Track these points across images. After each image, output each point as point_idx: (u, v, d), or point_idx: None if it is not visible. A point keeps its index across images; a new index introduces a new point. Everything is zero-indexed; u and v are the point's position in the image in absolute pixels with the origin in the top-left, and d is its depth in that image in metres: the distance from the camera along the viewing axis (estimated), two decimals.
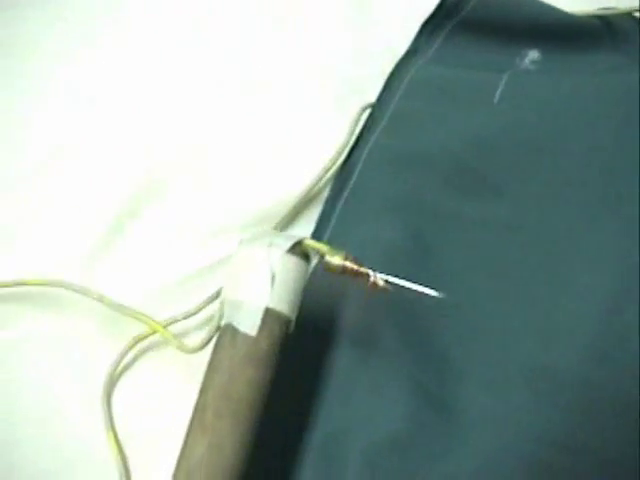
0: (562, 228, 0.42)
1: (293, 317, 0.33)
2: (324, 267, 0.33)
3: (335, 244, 0.35)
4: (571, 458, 0.36)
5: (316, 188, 0.46)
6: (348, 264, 0.33)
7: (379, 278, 0.33)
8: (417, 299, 0.39)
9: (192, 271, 0.44)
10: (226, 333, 0.32)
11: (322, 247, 0.33)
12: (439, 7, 0.50)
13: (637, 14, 0.49)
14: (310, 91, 0.50)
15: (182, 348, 0.37)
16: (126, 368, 0.41)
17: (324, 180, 0.47)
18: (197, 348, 0.35)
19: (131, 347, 0.41)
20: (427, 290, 0.34)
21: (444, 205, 0.43)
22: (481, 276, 0.40)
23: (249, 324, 0.31)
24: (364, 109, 0.48)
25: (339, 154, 0.47)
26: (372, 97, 0.48)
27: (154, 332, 0.40)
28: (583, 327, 0.39)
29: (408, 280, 0.35)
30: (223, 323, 0.32)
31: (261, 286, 0.31)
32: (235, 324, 0.31)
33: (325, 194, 0.46)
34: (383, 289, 0.34)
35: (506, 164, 0.44)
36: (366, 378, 0.38)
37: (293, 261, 0.32)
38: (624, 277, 0.40)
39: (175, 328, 0.41)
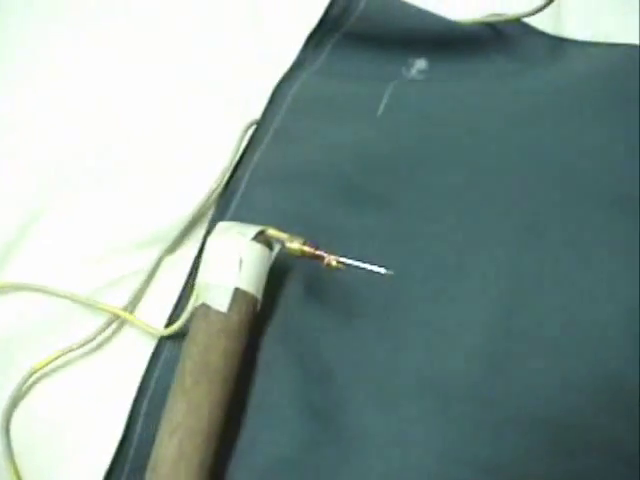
0: (446, 236, 0.41)
1: (259, 296, 0.37)
2: (287, 252, 0.37)
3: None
4: (466, 470, 0.36)
5: (204, 208, 0.46)
6: (306, 248, 0.36)
7: (333, 259, 0.36)
8: (303, 315, 0.39)
9: (87, 292, 0.43)
10: (201, 311, 0.36)
11: (282, 235, 0.37)
12: (323, 19, 0.49)
13: (525, 19, 0.48)
14: (198, 107, 0.49)
15: (152, 331, 0.41)
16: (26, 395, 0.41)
17: (212, 199, 0.46)
18: (170, 330, 0.39)
19: (30, 376, 0.40)
20: (376, 268, 0.37)
21: (330, 219, 0.42)
22: (364, 288, 0.40)
23: (221, 302, 0.36)
24: (249, 126, 0.47)
25: (224, 174, 0.46)
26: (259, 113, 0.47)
27: (115, 319, 0.42)
28: (471, 335, 0.39)
29: None
30: (198, 303, 0.36)
31: (230, 269, 0.36)
32: (209, 303, 0.36)
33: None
34: (336, 268, 0.36)
35: (390, 176, 0.43)
36: (255, 396, 0.38)
37: (257, 248, 0.37)
38: (512, 285, 0.40)
39: None
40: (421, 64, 0.48)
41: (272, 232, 0.37)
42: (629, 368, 0.38)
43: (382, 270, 0.37)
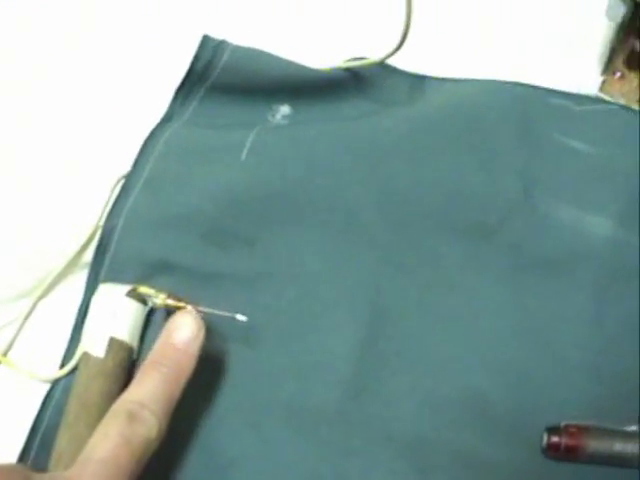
0: (310, 270, 0.44)
1: (134, 344, 0.42)
2: (153, 303, 0.42)
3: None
4: None
5: (76, 256, 0.47)
6: (169, 301, 0.41)
7: (194, 308, 0.41)
8: None
9: None
10: (83, 358, 0.41)
11: (148, 290, 0.42)
12: (188, 73, 0.51)
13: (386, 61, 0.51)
14: (67, 165, 0.51)
15: (37, 377, 0.44)
16: None
17: (80, 249, 0.47)
18: (54, 377, 0.43)
19: None
20: (232, 314, 0.41)
21: (202, 263, 0.45)
22: (236, 325, 0.41)
23: (98, 349, 0.40)
24: (120, 179, 0.48)
25: (98, 221, 0.48)
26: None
27: None
28: (336, 363, 0.41)
29: None
30: (81, 352, 0.41)
31: (107, 321, 0.41)
32: (89, 350, 0.41)
33: (82, 262, 0.47)
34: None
35: (254, 216, 0.45)
36: None
37: (129, 301, 0.42)
38: (373, 314, 0.43)
39: None
40: (285, 110, 0.51)
41: (142, 289, 0.42)
42: (486, 385, 0.40)
43: (238, 316, 0.41)
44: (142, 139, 0.49)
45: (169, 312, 0.42)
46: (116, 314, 0.41)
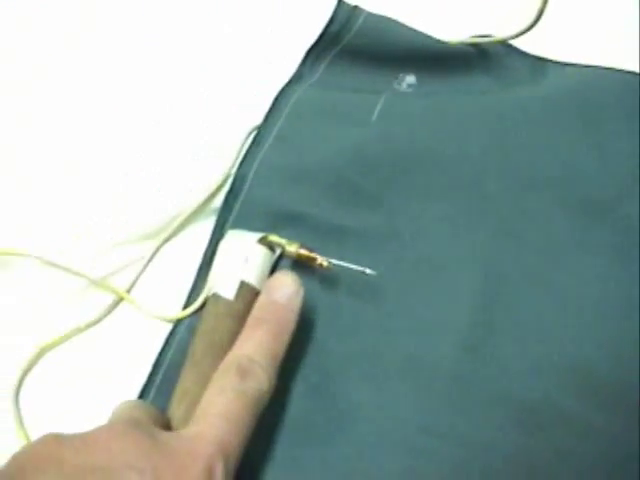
0: (433, 233, 0.45)
1: (260, 289, 0.42)
2: (286, 254, 0.44)
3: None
4: (446, 444, 0.39)
5: (204, 204, 0.49)
6: (301, 251, 0.43)
7: (325, 260, 0.42)
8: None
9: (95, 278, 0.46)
10: (212, 299, 0.42)
11: (281, 240, 0.43)
12: (322, 36, 0.53)
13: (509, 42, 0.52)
14: (202, 111, 0.53)
15: (161, 317, 0.45)
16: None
17: (213, 196, 0.49)
18: (177, 317, 0.44)
19: (37, 356, 0.43)
20: (361, 268, 0.42)
21: (328, 218, 0.46)
22: (359, 279, 0.43)
23: (228, 291, 0.41)
24: (251, 131, 0.50)
25: (226, 173, 0.49)
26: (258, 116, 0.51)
27: (120, 301, 0.46)
28: (453, 323, 0.42)
29: None
30: (210, 293, 0.42)
31: (238, 265, 0.42)
32: (218, 292, 0.41)
33: (210, 208, 0.49)
34: (327, 268, 0.42)
35: (382, 176, 0.47)
36: None
37: (260, 248, 0.43)
38: (489, 280, 0.44)
39: None
40: (411, 79, 0.52)
41: (273, 237, 0.44)
42: (593, 354, 0.41)
43: (367, 270, 0.42)
44: (272, 96, 0.51)
45: (296, 262, 0.44)
46: (247, 259, 0.42)
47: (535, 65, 0.53)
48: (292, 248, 0.43)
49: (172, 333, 0.44)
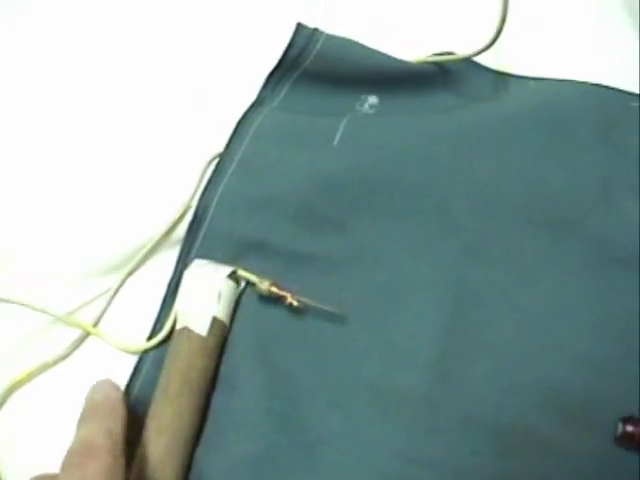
0: (398, 256, 0.45)
1: (228, 322, 0.44)
2: (255, 290, 0.44)
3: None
4: (421, 470, 0.39)
5: (167, 233, 0.49)
6: (273, 289, 0.43)
7: (295, 299, 0.43)
8: (267, 333, 0.43)
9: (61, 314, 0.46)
10: (183, 333, 0.42)
11: (252, 277, 0.44)
12: (282, 59, 0.52)
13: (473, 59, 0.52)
14: (162, 139, 0.53)
15: (127, 349, 0.45)
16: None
17: (175, 226, 0.49)
18: (143, 348, 0.44)
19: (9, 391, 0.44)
20: (330, 308, 0.43)
21: (291, 244, 0.46)
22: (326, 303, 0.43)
23: (201, 327, 0.42)
24: (213, 158, 0.50)
25: (191, 199, 0.49)
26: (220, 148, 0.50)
27: (86, 335, 0.46)
28: (422, 347, 0.42)
29: None
30: (178, 327, 0.43)
31: (211, 301, 0.43)
32: (191, 327, 0.42)
33: (173, 239, 0.49)
34: (297, 308, 0.43)
35: (346, 201, 0.47)
36: (223, 404, 0.42)
37: (230, 284, 0.44)
38: (457, 301, 0.44)
39: None
40: (373, 100, 0.52)
41: (243, 273, 0.44)
42: (564, 375, 0.41)
43: (335, 310, 0.42)
44: (233, 122, 0.50)
45: (261, 296, 0.44)
46: (220, 295, 0.43)
47: (497, 80, 0.53)
48: (264, 286, 0.43)
49: (137, 366, 0.44)
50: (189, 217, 0.48)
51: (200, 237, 0.47)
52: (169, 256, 0.47)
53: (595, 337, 0.42)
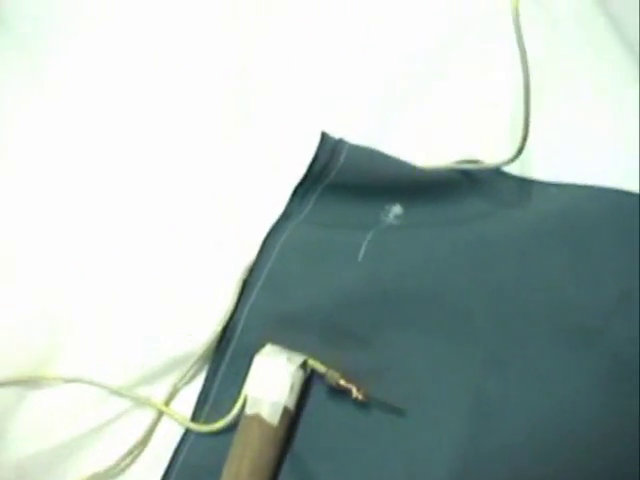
0: (420, 369, 0.46)
1: (293, 411, 0.45)
2: (326, 380, 0.45)
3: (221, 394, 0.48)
4: None
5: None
6: (341, 382, 0.45)
7: (360, 394, 0.44)
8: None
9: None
10: (254, 420, 0.44)
11: (323, 368, 0.45)
12: (308, 172, 0.54)
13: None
14: (193, 252, 0.54)
15: (198, 429, 0.47)
16: None
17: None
18: (214, 429, 0.46)
19: None
20: (396, 407, 0.44)
21: (318, 359, 0.47)
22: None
23: (273, 416, 0.44)
24: (241, 277, 0.52)
25: (224, 318, 0.50)
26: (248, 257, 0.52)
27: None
28: (442, 459, 0.43)
29: None
30: (249, 412, 0.44)
31: (283, 389, 0.44)
32: (263, 415, 0.44)
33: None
34: (361, 401, 0.44)
35: (370, 317, 0.48)
36: None
37: (300, 373, 0.45)
38: (475, 410, 0.44)
39: None
40: (397, 210, 0.53)
41: (315, 364, 0.46)
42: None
43: (400, 408, 0.44)
44: (261, 235, 0.52)
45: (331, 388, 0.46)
46: (293, 385, 0.44)
47: (520, 186, 0.53)
48: (334, 376, 0.45)
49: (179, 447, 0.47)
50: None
51: (229, 353, 0.49)
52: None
53: (612, 445, 0.42)
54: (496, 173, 0.53)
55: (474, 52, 0.59)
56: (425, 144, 0.56)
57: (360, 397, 0.44)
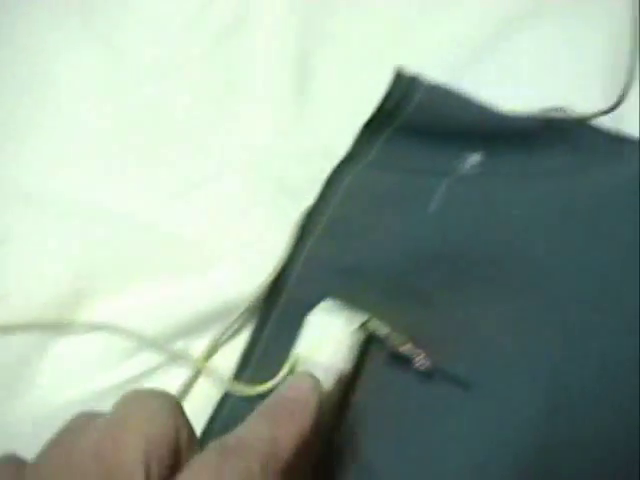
0: (492, 337, 0.41)
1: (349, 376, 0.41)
2: (388, 343, 0.40)
3: (268, 353, 0.44)
4: None
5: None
6: (407, 347, 0.39)
7: (423, 364, 0.39)
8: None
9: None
10: None
11: (385, 329, 0.40)
12: (378, 111, 0.49)
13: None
14: (244, 190, 0.50)
15: (241, 390, 0.43)
16: None
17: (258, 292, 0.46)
18: (260, 390, 0.42)
19: None
20: (463, 379, 0.38)
21: (378, 315, 0.42)
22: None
23: (327, 381, 0.39)
24: (302, 216, 0.47)
25: (280, 261, 0.46)
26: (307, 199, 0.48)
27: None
28: (513, 437, 0.38)
29: None
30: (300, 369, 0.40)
31: (340, 353, 0.40)
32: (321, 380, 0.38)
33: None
34: (424, 371, 0.39)
35: (438, 275, 0.43)
36: None
37: (360, 335, 0.41)
38: (550, 395, 0.39)
39: None
40: (476, 158, 0.47)
41: (374, 323, 0.40)
42: None
43: (464, 384, 0.38)
44: (322, 178, 0.48)
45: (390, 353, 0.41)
46: (351, 348, 0.40)
47: (610, 142, 0.47)
48: (400, 340, 0.40)
49: (218, 407, 0.44)
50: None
51: (279, 307, 0.45)
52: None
53: None
54: (587, 125, 0.48)
55: None
56: (509, 90, 0.50)
57: (426, 366, 0.39)
